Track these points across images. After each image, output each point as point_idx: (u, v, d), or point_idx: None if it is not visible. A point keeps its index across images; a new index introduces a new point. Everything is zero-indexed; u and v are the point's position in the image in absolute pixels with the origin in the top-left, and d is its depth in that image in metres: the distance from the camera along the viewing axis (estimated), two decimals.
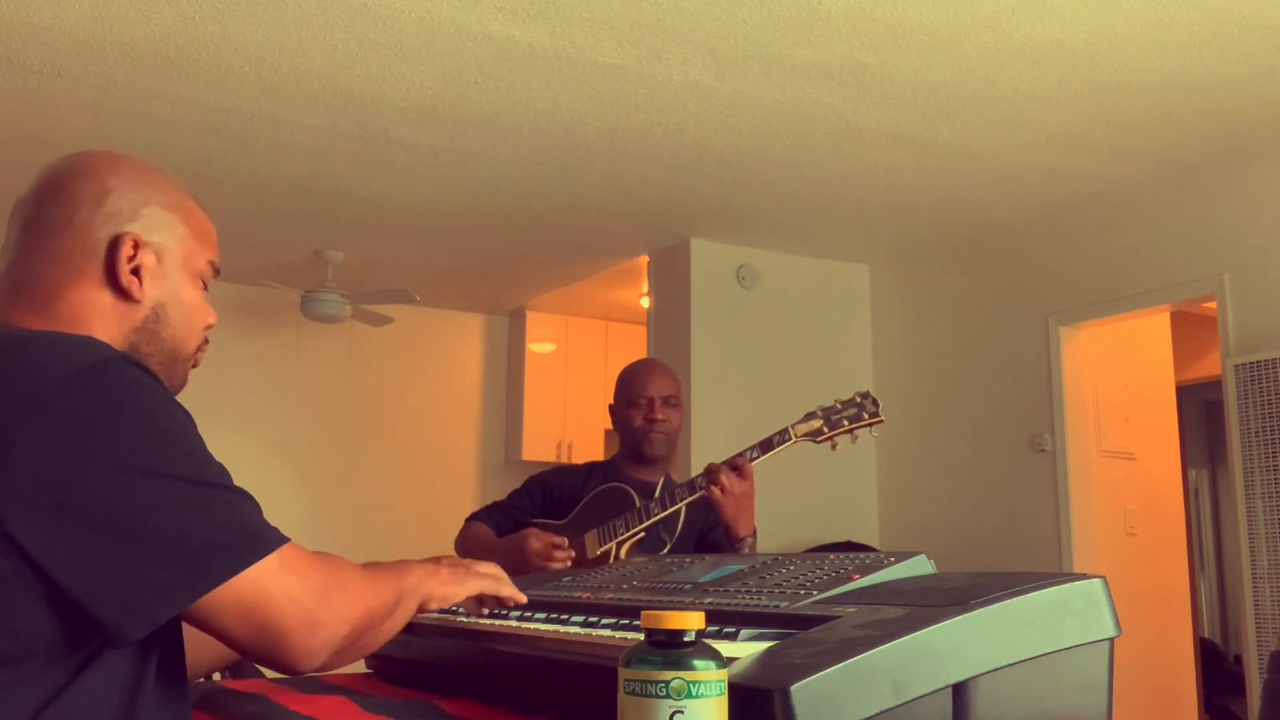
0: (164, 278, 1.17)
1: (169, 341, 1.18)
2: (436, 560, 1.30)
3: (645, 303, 6.06)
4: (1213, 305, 4.49)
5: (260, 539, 1.00)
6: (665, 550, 2.51)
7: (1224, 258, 4.38)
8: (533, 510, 2.73)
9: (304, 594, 1.01)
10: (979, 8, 3.25)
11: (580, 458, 6.77)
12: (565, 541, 2.45)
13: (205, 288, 1.23)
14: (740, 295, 5.61)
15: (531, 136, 4.22)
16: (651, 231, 5.45)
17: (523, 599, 1.34)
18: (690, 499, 2.44)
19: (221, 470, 1.02)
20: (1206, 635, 7.13)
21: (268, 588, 0.99)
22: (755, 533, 2.48)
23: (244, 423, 6.45)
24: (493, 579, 1.32)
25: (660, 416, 2.66)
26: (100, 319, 1.13)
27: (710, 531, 2.58)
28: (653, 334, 5.77)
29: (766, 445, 2.41)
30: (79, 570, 0.92)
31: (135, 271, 1.14)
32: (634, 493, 2.55)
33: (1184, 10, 3.26)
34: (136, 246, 1.14)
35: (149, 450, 0.96)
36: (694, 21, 3.33)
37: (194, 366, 1.24)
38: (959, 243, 5.47)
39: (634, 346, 6.70)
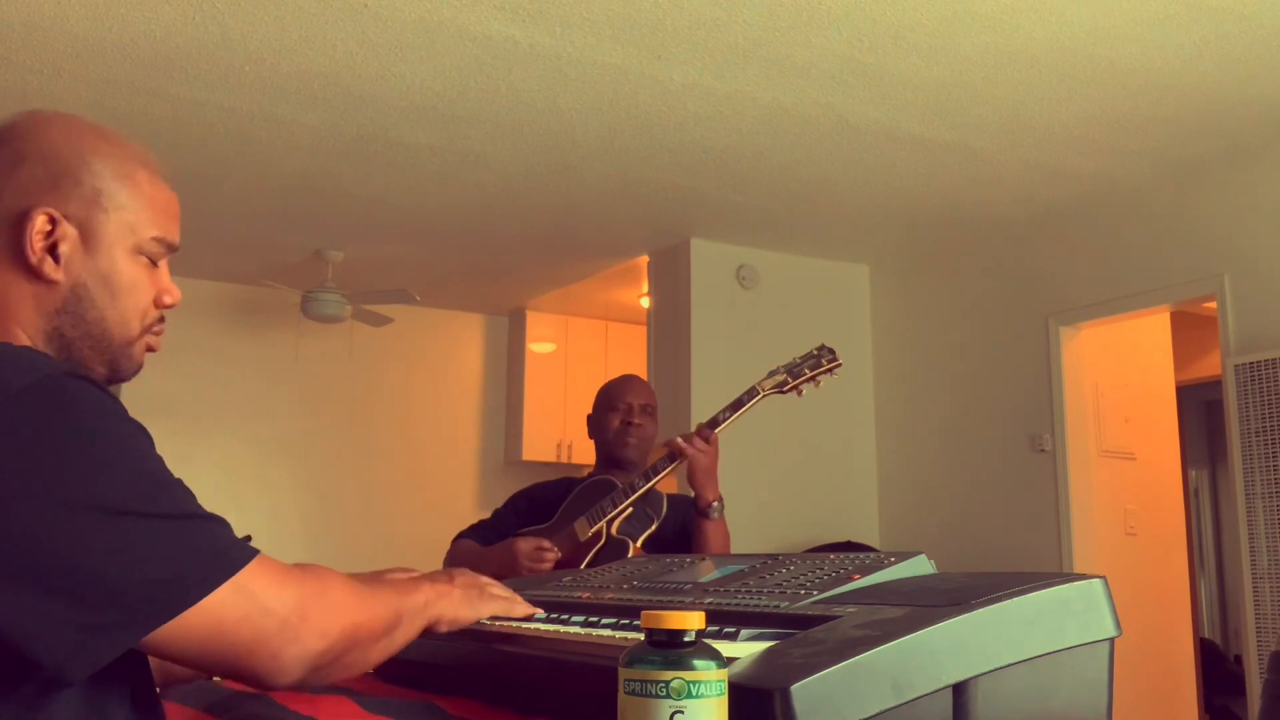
0: (91, 256, 1.05)
1: (96, 325, 1.06)
2: (450, 577, 1.24)
3: (645, 303, 6.06)
4: (1213, 305, 4.49)
5: (217, 564, 0.92)
6: (653, 527, 2.56)
7: (1224, 258, 4.38)
8: (519, 522, 2.77)
9: (271, 610, 0.94)
10: (979, 8, 3.25)
11: (580, 458, 6.78)
12: (551, 545, 2.50)
13: (154, 264, 1.10)
14: (740, 295, 5.61)
15: (531, 136, 4.22)
16: (651, 231, 5.45)
17: (537, 613, 1.31)
18: (670, 467, 2.52)
19: (175, 492, 0.93)
20: (1206, 635, 7.13)
21: (225, 614, 0.91)
22: (721, 499, 2.56)
23: (244, 423, 6.45)
24: (506, 600, 1.28)
25: (637, 421, 2.74)
26: (16, 301, 1.03)
27: (690, 523, 2.63)
28: (653, 334, 5.77)
29: (737, 405, 2.53)
30: (8, 611, 0.85)
31: (51, 250, 1.03)
32: (615, 479, 2.64)
33: (1184, 10, 3.26)
34: (53, 221, 1.03)
35: (87, 480, 0.88)
36: (694, 21, 3.33)
37: (150, 350, 1.13)
38: (959, 243, 5.47)
39: (634, 346, 6.70)
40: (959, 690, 0.94)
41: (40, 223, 1.02)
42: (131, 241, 1.07)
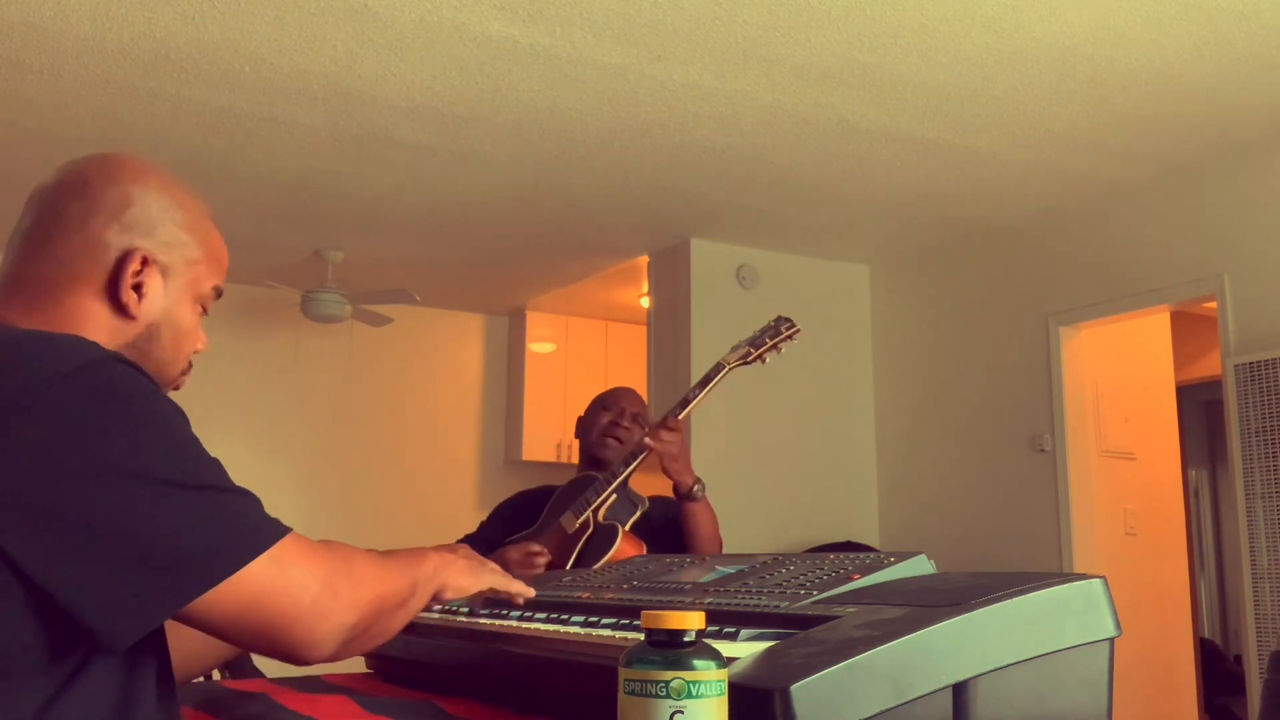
0: (165, 298, 1.15)
1: (156, 363, 1.15)
2: (453, 548, 1.29)
3: (645, 303, 6.06)
4: (1213, 305, 4.49)
5: (255, 536, 0.97)
6: (639, 513, 2.57)
7: (1224, 258, 4.38)
8: (505, 531, 2.78)
9: (305, 585, 0.99)
10: (979, 8, 3.25)
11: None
12: (541, 548, 2.52)
13: (205, 313, 1.21)
14: (740, 295, 5.62)
15: (531, 136, 4.22)
16: (651, 231, 5.45)
17: (531, 593, 1.35)
18: (642, 457, 2.53)
19: (215, 468, 0.99)
20: (1206, 635, 7.13)
21: (264, 585, 0.96)
22: (700, 481, 2.58)
23: (244, 423, 6.45)
24: (503, 575, 1.32)
25: (625, 424, 2.76)
26: (93, 328, 1.10)
27: (676, 515, 2.65)
28: (653, 334, 5.77)
29: (705, 381, 2.53)
30: (66, 577, 0.90)
31: (138, 288, 1.12)
32: (595, 473, 2.66)
33: (1184, 10, 3.26)
34: (145, 263, 1.12)
35: (136, 453, 0.94)
36: (694, 21, 3.33)
37: (176, 389, 1.21)
38: (959, 243, 5.47)
39: (634, 346, 6.70)
40: (959, 690, 0.94)
41: (136, 263, 1.12)
42: (196, 291, 1.19)
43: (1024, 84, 3.73)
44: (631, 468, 2.54)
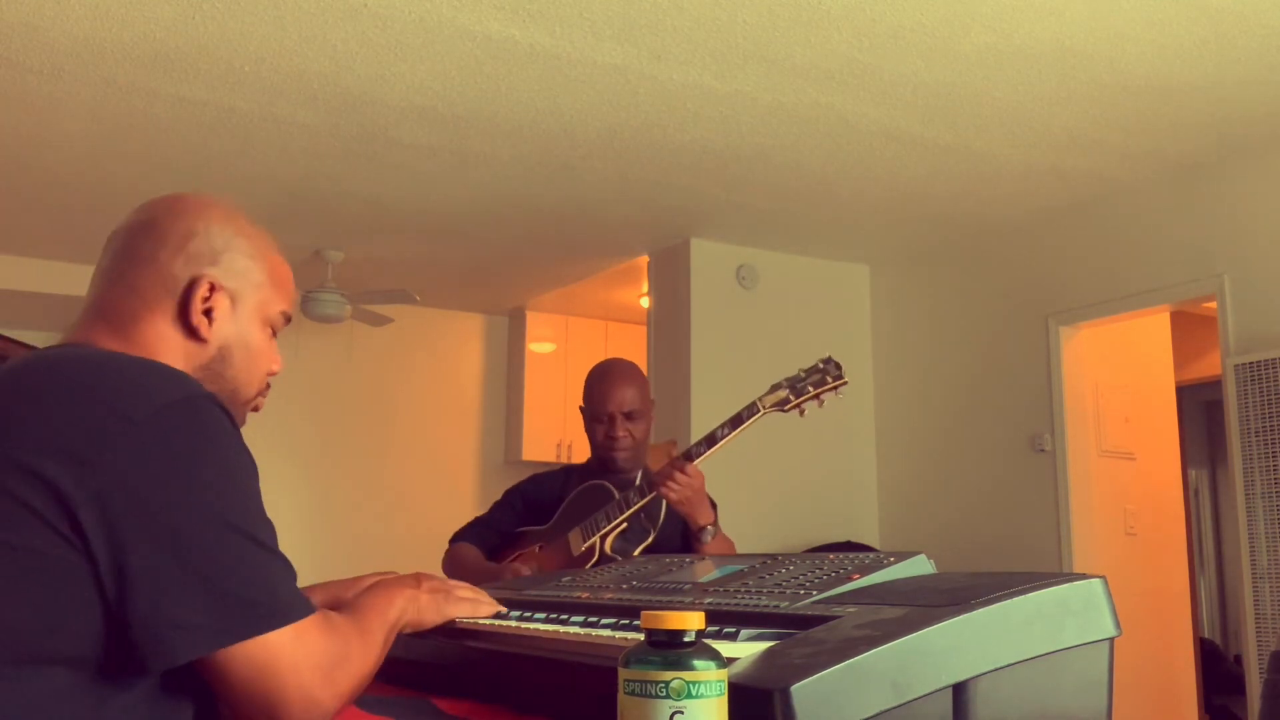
0: (235, 321, 1.22)
1: (230, 383, 1.22)
2: (417, 580, 1.33)
3: (645, 303, 6.06)
4: (1213, 305, 4.49)
5: (289, 607, 1.02)
6: (650, 539, 2.49)
7: (1224, 258, 4.38)
8: (515, 521, 2.71)
9: (312, 669, 1.03)
10: (979, 8, 3.25)
11: (580, 458, 6.75)
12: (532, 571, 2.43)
13: (274, 335, 1.28)
14: (740, 295, 5.61)
15: (531, 136, 4.22)
16: (651, 231, 5.45)
17: (500, 609, 1.38)
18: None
19: (272, 531, 1.05)
20: (1206, 635, 7.13)
21: (280, 657, 1.00)
22: (715, 519, 2.47)
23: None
24: (470, 602, 1.36)
25: (620, 433, 2.61)
26: (169, 352, 1.18)
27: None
28: (653, 334, 5.77)
29: (736, 421, 2.40)
30: (126, 588, 0.96)
31: (207, 313, 1.19)
32: (612, 487, 2.54)
33: (1184, 10, 3.26)
34: (213, 289, 1.20)
35: (220, 495, 1.01)
36: (694, 21, 3.33)
37: (254, 410, 1.29)
38: (959, 243, 5.47)
39: (634, 346, 6.70)
40: (959, 690, 0.94)
41: (204, 290, 1.20)
42: (265, 314, 1.26)
43: (1024, 84, 3.73)
44: (641, 503, 2.44)
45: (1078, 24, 3.33)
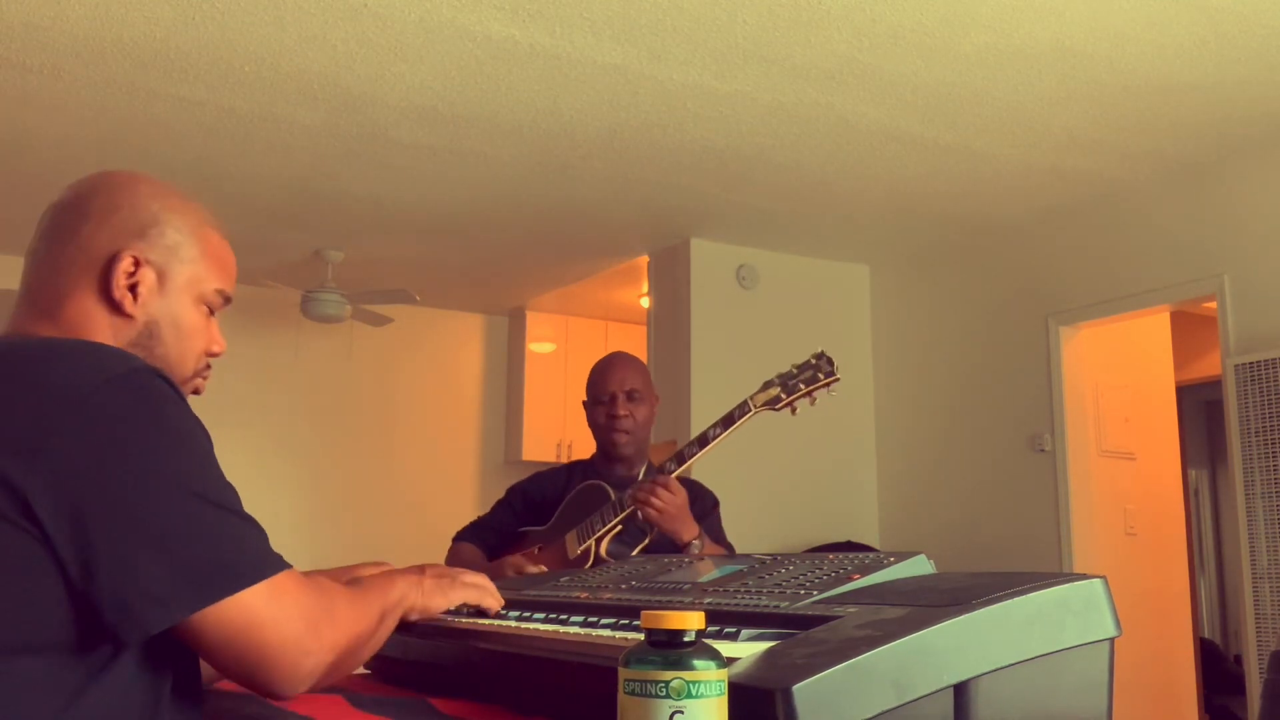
0: (163, 298, 1.19)
1: (161, 360, 1.18)
2: (420, 569, 1.33)
3: (645, 303, 6.06)
4: (1213, 305, 4.49)
5: (259, 564, 1.02)
6: (645, 541, 2.47)
7: (1224, 258, 4.38)
8: (516, 521, 2.71)
9: (294, 622, 1.02)
10: (979, 8, 3.25)
11: (580, 457, 6.77)
12: (543, 568, 2.41)
13: (212, 314, 1.25)
14: (740, 295, 5.61)
15: (531, 136, 4.22)
16: (651, 231, 5.45)
17: (502, 602, 1.38)
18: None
19: (233, 493, 1.04)
20: (1206, 635, 7.13)
21: (259, 614, 1.00)
22: (700, 534, 2.42)
23: (244, 423, 6.44)
24: (476, 588, 1.36)
25: (622, 412, 2.59)
26: (97, 330, 1.16)
27: (702, 520, 2.56)
28: (653, 334, 5.77)
29: (728, 420, 2.37)
30: (91, 568, 0.95)
31: (133, 288, 1.16)
32: (608, 488, 2.53)
33: (1184, 10, 3.26)
34: (137, 264, 1.17)
35: (174, 463, 1.00)
36: (694, 21, 3.33)
37: (194, 393, 1.26)
38: (959, 243, 5.47)
39: (634, 347, 6.66)
40: (960, 690, 0.94)
41: (127, 264, 1.16)
42: (197, 291, 1.22)
43: (1024, 84, 3.73)
44: (627, 512, 2.42)
45: (1078, 24, 3.33)
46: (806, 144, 4.27)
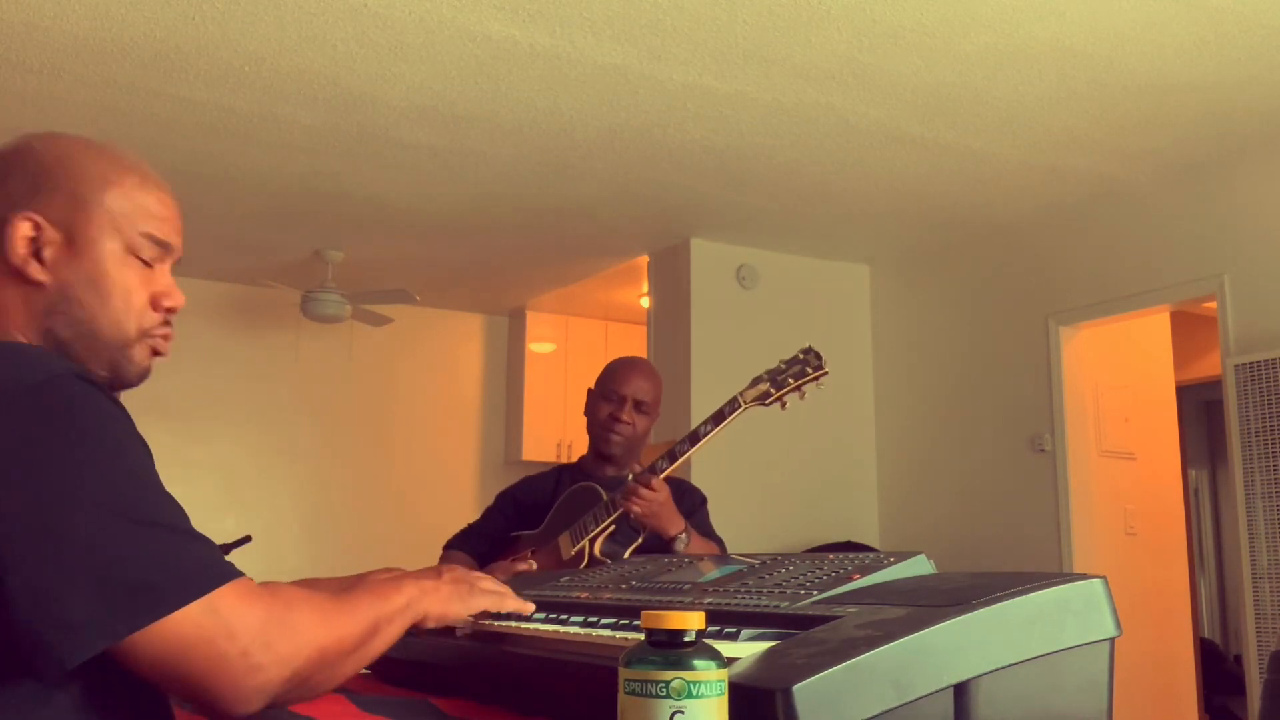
0: (76, 258, 1.08)
1: (87, 325, 1.08)
2: (437, 573, 1.24)
3: (645, 303, 6.06)
4: (1213, 305, 4.49)
5: (190, 582, 0.92)
6: (639, 540, 2.48)
7: (1224, 258, 4.38)
8: (507, 526, 2.71)
9: (236, 639, 0.93)
10: (979, 8, 3.25)
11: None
12: (533, 565, 2.43)
13: (149, 266, 1.12)
14: (740, 295, 5.61)
15: (531, 136, 4.22)
16: (651, 231, 5.45)
17: (531, 608, 1.30)
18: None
19: (169, 507, 0.96)
20: (1206, 635, 7.13)
21: (192, 634, 0.91)
22: (686, 528, 2.45)
23: (244, 423, 6.44)
24: (496, 595, 1.27)
25: (625, 418, 2.62)
26: (9, 306, 1.07)
27: (690, 517, 2.57)
28: (653, 334, 5.77)
29: (718, 417, 2.40)
30: (8, 598, 0.88)
31: (37, 254, 1.06)
32: (600, 489, 2.54)
33: (1184, 10, 3.26)
34: (37, 226, 1.06)
35: (98, 479, 0.91)
36: (694, 21, 3.33)
37: (157, 354, 1.14)
38: (959, 243, 5.47)
39: (634, 347, 6.69)
40: (960, 690, 0.94)
41: (23, 228, 1.06)
42: (119, 241, 1.10)
43: (1024, 84, 3.73)
44: (619, 512, 2.44)
45: (1078, 24, 3.33)
46: (806, 144, 4.27)
